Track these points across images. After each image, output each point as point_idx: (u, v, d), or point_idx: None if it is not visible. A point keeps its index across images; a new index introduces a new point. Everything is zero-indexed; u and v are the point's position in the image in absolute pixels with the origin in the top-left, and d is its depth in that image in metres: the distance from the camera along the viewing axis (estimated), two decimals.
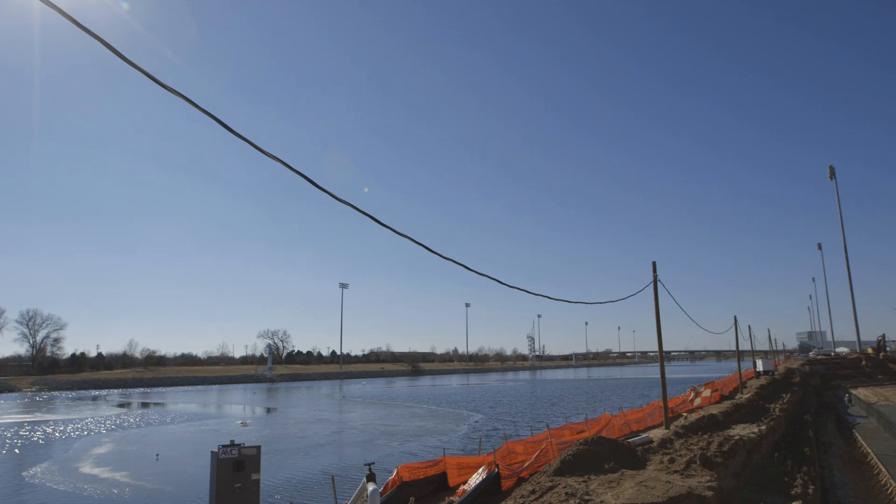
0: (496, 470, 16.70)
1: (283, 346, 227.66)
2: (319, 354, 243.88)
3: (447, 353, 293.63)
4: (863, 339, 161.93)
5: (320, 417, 69.63)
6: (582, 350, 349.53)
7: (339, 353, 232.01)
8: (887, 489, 26.68)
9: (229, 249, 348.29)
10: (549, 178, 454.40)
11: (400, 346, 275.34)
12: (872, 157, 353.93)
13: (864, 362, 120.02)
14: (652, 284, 24.43)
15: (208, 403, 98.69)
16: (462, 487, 17.27)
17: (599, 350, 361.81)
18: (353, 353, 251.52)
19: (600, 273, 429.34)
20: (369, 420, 65.01)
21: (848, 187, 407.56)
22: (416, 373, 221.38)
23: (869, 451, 35.67)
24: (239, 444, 14.43)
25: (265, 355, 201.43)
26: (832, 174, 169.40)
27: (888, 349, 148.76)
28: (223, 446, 14.36)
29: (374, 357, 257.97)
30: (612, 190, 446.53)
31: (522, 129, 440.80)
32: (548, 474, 14.99)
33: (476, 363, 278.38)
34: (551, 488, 13.73)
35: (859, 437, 41.36)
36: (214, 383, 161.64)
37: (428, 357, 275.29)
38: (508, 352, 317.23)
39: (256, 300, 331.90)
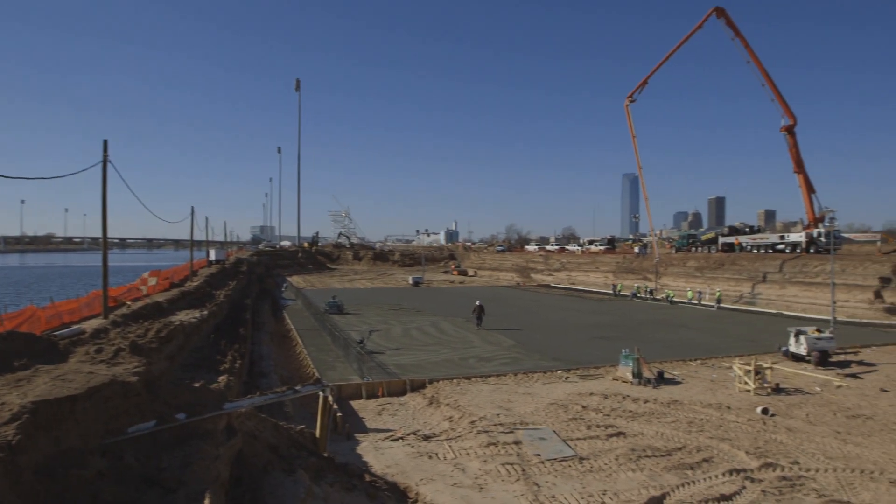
0: None
1: None
2: None
3: None
4: (304, 235, 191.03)
5: None
6: (16, 233, 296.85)
7: None
8: (301, 356, 32.77)
9: None
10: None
11: None
12: (332, 79, 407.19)
13: (300, 254, 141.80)
14: (101, 164, 22.03)
15: None
16: None
17: (40, 234, 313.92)
18: None
19: (44, 149, 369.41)
20: None
21: (308, 101, 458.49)
22: None
23: (292, 326, 42.71)
24: None
25: None
26: (297, 86, 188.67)
27: (319, 244, 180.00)
28: None
29: None
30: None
31: None
32: None
33: None
34: None
35: (287, 317, 48.94)
36: None
37: None
38: None
39: None
